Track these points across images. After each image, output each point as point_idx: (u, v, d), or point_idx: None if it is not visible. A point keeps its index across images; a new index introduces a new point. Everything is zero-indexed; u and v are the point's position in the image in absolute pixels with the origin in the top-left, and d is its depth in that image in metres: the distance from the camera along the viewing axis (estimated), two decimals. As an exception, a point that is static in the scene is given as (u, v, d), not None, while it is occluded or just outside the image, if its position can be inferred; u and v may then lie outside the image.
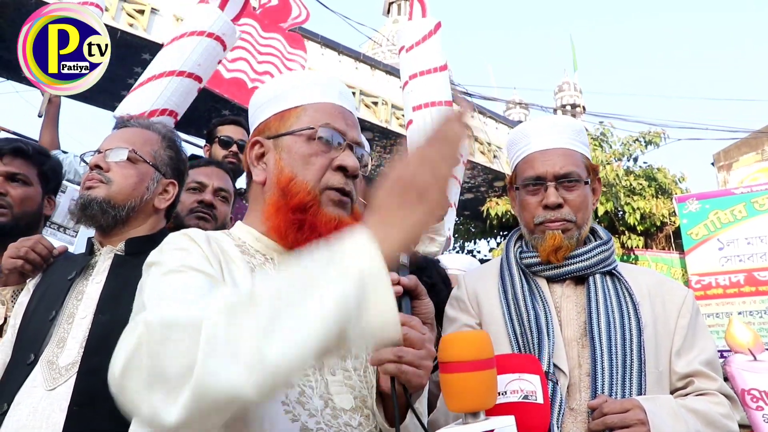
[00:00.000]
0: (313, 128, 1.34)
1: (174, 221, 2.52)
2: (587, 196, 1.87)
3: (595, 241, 1.91)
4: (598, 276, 1.82)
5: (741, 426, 1.74)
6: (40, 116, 3.55)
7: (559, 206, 1.82)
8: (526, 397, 1.44)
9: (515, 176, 1.96)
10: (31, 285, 1.87)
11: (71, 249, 2.29)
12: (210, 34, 3.14)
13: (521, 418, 1.23)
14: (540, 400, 1.44)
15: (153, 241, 1.84)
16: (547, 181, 1.83)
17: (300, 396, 1.15)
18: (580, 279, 1.85)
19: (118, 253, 1.80)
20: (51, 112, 3.60)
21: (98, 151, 1.89)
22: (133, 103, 2.96)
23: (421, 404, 1.27)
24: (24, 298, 1.84)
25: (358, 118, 1.47)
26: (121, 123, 1.99)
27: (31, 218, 2.31)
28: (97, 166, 1.84)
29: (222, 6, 3.36)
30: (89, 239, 1.90)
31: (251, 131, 1.47)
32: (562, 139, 1.88)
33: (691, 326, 1.79)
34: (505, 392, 1.44)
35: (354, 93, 10.63)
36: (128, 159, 1.86)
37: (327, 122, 1.35)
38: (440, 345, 1.11)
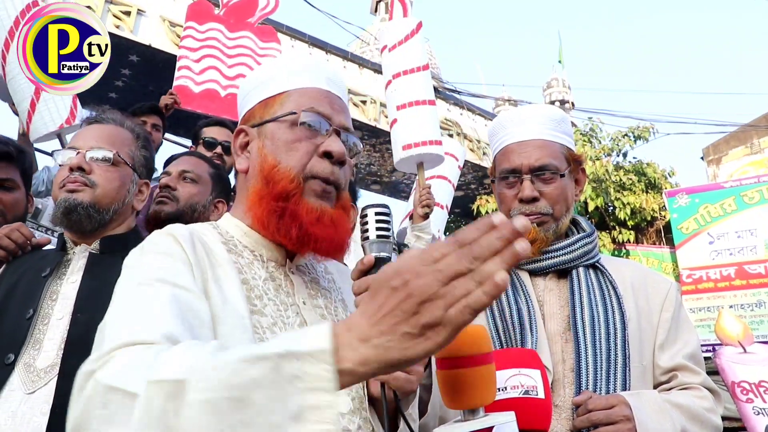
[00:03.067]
0: (295, 113, 1.29)
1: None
2: (565, 187, 1.82)
3: (578, 233, 1.87)
4: (581, 269, 1.79)
5: (728, 418, 1.73)
6: (23, 134, 3.51)
7: (535, 199, 1.78)
8: (526, 392, 1.40)
9: (494, 168, 1.92)
10: None
11: None
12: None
13: (522, 413, 1.21)
14: (541, 395, 1.41)
15: (126, 239, 1.82)
16: (522, 174, 1.79)
17: None
18: (562, 272, 1.81)
19: (93, 251, 1.76)
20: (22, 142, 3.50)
21: (73, 149, 1.83)
22: None
23: (414, 409, 1.25)
24: None
25: None
26: (94, 119, 1.93)
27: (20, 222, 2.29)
28: (80, 168, 1.78)
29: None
30: (60, 235, 1.84)
31: (239, 120, 1.43)
32: (540, 129, 1.83)
33: (674, 320, 1.77)
34: (505, 388, 1.40)
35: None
36: (112, 161, 1.82)
37: (311, 107, 1.30)
38: None
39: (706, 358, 1.84)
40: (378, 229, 1.17)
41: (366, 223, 1.18)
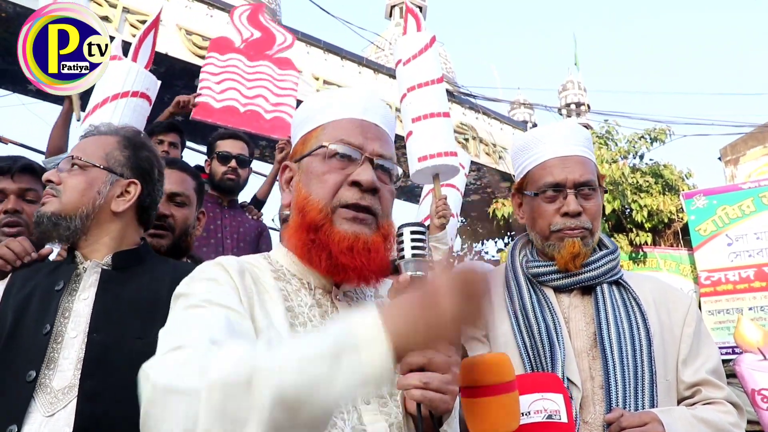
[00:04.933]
0: (324, 146, 1.33)
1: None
2: (600, 204, 1.86)
3: (601, 250, 1.89)
4: (605, 286, 1.81)
5: (748, 421, 1.75)
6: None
7: (579, 214, 1.81)
8: (550, 416, 1.42)
9: (526, 182, 1.92)
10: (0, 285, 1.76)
11: None
12: (134, 93, 3.17)
13: (546, 438, 1.23)
14: (564, 419, 1.42)
15: (138, 254, 1.81)
16: (566, 188, 1.81)
17: (332, 428, 1.12)
18: (586, 289, 1.83)
19: (105, 267, 1.73)
20: (65, 110, 3.47)
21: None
22: None
23: (450, 427, 1.24)
24: None
25: None
26: (88, 132, 1.92)
27: None
28: (49, 181, 1.78)
29: (134, 58, 3.34)
30: (69, 247, 1.81)
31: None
32: (578, 146, 1.87)
33: (696, 334, 1.79)
34: (529, 413, 1.41)
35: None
36: (78, 167, 1.78)
37: (341, 138, 1.33)
38: (460, 369, 1.09)
39: (725, 361, 1.85)
40: (414, 248, 1.18)
41: (402, 242, 1.19)
